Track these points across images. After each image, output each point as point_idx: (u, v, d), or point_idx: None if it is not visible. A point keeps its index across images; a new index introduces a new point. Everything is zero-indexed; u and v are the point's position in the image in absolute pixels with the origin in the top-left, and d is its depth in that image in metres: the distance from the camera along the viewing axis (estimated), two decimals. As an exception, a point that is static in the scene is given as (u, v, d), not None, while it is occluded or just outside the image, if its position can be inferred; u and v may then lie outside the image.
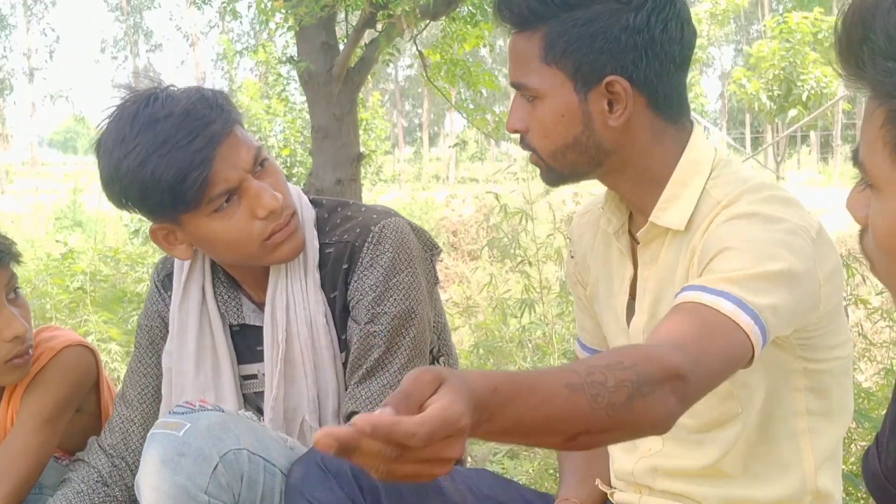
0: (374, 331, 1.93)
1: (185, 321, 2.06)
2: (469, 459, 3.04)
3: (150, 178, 1.79)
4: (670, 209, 1.65)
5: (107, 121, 1.87)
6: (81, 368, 2.19)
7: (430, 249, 2.09)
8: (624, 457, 1.86)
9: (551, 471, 3.53)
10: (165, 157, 1.78)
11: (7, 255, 2.08)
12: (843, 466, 3.17)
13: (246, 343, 2.07)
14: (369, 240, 1.95)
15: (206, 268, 2.07)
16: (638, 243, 1.73)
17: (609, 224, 1.77)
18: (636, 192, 1.70)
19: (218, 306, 2.06)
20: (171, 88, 1.87)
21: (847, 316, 4.22)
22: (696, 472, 1.71)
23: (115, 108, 1.87)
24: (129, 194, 1.84)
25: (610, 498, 1.87)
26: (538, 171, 1.73)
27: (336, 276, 1.98)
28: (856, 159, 1.08)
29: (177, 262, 2.08)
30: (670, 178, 1.65)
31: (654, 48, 1.57)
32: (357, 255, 1.96)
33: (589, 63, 1.57)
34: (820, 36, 22.68)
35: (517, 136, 1.71)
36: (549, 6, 1.57)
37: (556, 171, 1.69)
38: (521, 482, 3.29)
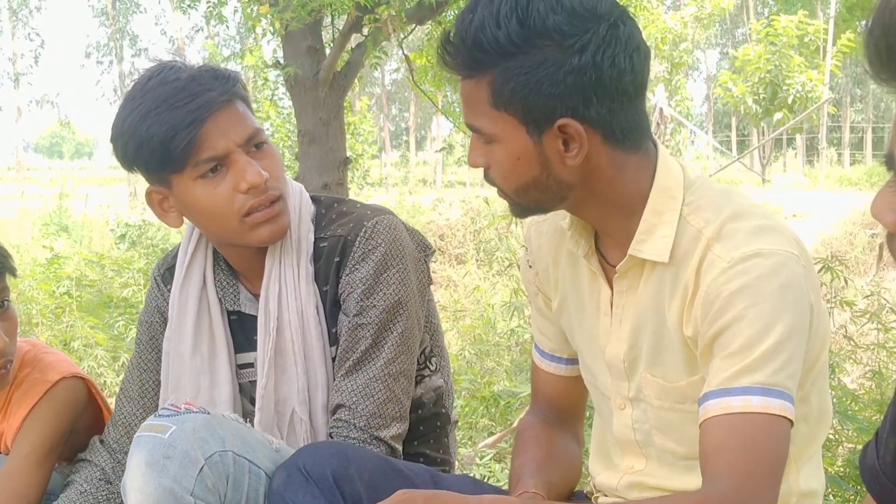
0: (362, 323, 1.95)
1: (184, 304, 2.08)
2: (456, 463, 3.04)
3: (145, 134, 1.86)
4: (649, 241, 1.64)
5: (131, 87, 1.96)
6: (75, 400, 2.20)
7: (424, 250, 2.10)
8: (604, 473, 1.87)
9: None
10: (162, 115, 1.85)
11: None
12: (830, 469, 3.18)
13: (244, 332, 2.09)
14: (362, 234, 1.97)
15: (209, 254, 2.10)
16: (610, 265, 1.73)
17: (577, 246, 1.76)
18: (606, 221, 1.69)
19: (216, 291, 2.09)
20: (190, 62, 1.97)
21: (832, 319, 4.23)
22: (682, 489, 1.71)
23: (139, 77, 1.96)
24: (128, 150, 1.91)
25: (593, 502, 1.88)
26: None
27: (328, 270, 2.00)
28: (890, 163, 1.06)
29: (181, 244, 2.13)
30: (643, 206, 1.64)
31: (604, 85, 1.54)
32: (349, 248, 1.98)
33: (538, 108, 1.55)
34: (805, 39, 22.80)
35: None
36: (491, 55, 1.54)
37: (522, 206, 1.69)
38: (507, 485, 3.28)
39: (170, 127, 1.84)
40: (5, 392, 2.17)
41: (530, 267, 1.93)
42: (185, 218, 2.01)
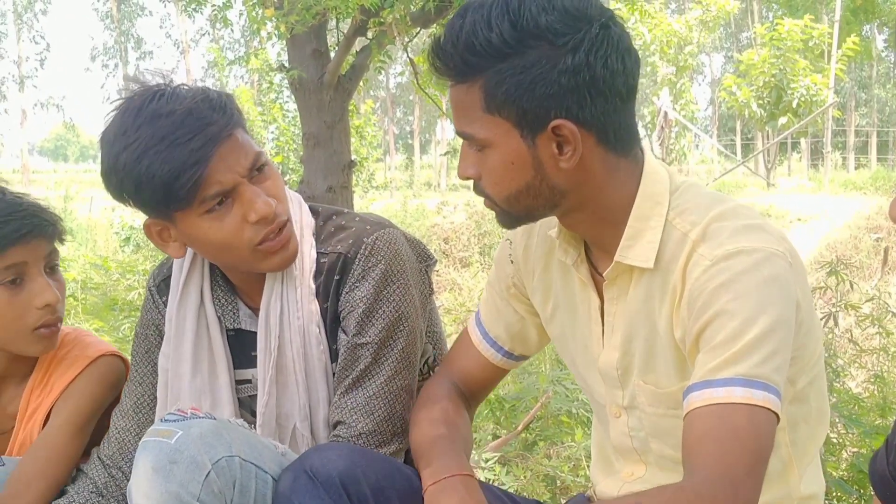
0: (362, 342, 1.93)
1: (182, 323, 2.06)
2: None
3: (145, 173, 1.78)
4: (635, 246, 1.64)
5: (114, 112, 1.86)
6: (114, 377, 2.25)
7: (425, 260, 2.09)
8: (605, 480, 1.87)
9: (541, 476, 3.54)
10: (162, 153, 1.77)
11: (49, 226, 2.16)
12: (835, 472, 3.18)
13: (242, 348, 2.07)
14: (361, 251, 1.95)
15: (206, 270, 2.07)
16: (599, 274, 1.73)
17: (566, 255, 1.76)
18: (595, 230, 1.69)
19: (215, 309, 2.06)
20: (180, 87, 1.87)
21: (836, 323, 4.23)
22: None
23: (122, 99, 1.87)
24: (125, 187, 1.84)
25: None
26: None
27: (329, 287, 1.98)
28: None
29: (176, 263, 2.08)
30: (630, 214, 1.64)
31: (597, 86, 1.54)
32: (349, 266, 1.95)
33: (532, 110, 1.54)
34: (810, 44, 22.79)
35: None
36: (484, 57, 1.54)
37: (512, 215, 1.68)
38: (511, 489, 3.29)
39: (172, 167, 1.77)
40: (45, 367, 2.23)
41: (512, 262, 1.93)
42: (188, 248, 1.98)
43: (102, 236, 16.04)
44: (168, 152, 1.77)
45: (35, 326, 2.14)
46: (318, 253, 2.00)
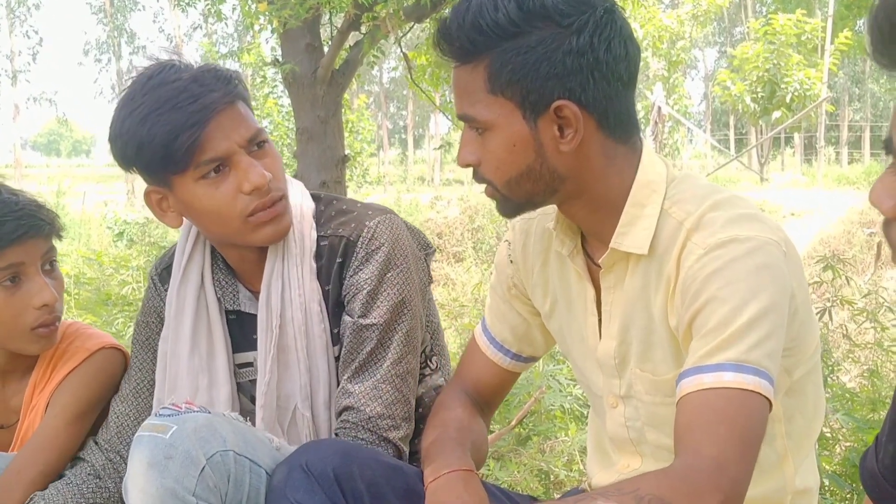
0: (367, 324, 1.95)
1: (182, 304, 2.08)
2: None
3: (146, 135, 1.84)
4: (630, 233, 1.65)
5: (126, 88, 1.93)
6: (113, 369, 2.25)
7: (425, 248, 2.11)
8: (601, 473, 1.87)
9: (535, 471, 3.54)
10: (163, 116, 1.83)
11: (46, 225, 2.16)
12: (829, 467, 3.18)
13: (242, 331, 2.09)
14: (364, 235, 1.97)
15: (207, 252, 2.09)
16: (596, 265, 1.74)
17: (562, 245, 1.77)
18: (593, 219, 1.69)
19: (215, 291, 2.08)
20: (191, 63, 1.94)
21: (831, 317, 4.23)
22: None
23: (137, 75, 1.93)
24: (128, 150, 1.89)
25: None
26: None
27: (330, 270, 2.00)
28: (889, 148, 1.06)
29: (178, 245, 2.11)
30: (626, 201, 1.65)
31: (600, 69, 1.55)
32: (352, 250, 1.98)
33: (536, 90, 1.55)
34: (804, 38, 22.80)
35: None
36: (490, 36, 1.55)
37: (512, 202, 1.68)
38: (505, 484, 3.29)
39: (172, 128, 1.82)
40: (47, 361, 2.24)
41: (511, 262, 1.94)
42: (184, 218, 2.00)
43: (95, 231, 16.01)
44: (169, 115, 1.83)
45: (33, 326, 2.15)
46: (318, 235, 2.02)
